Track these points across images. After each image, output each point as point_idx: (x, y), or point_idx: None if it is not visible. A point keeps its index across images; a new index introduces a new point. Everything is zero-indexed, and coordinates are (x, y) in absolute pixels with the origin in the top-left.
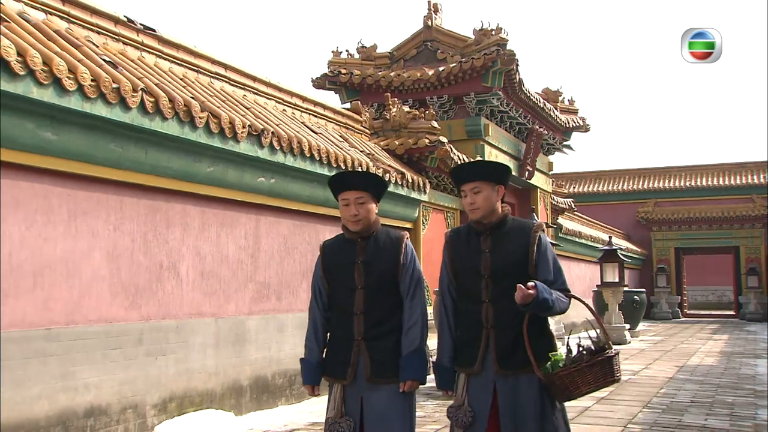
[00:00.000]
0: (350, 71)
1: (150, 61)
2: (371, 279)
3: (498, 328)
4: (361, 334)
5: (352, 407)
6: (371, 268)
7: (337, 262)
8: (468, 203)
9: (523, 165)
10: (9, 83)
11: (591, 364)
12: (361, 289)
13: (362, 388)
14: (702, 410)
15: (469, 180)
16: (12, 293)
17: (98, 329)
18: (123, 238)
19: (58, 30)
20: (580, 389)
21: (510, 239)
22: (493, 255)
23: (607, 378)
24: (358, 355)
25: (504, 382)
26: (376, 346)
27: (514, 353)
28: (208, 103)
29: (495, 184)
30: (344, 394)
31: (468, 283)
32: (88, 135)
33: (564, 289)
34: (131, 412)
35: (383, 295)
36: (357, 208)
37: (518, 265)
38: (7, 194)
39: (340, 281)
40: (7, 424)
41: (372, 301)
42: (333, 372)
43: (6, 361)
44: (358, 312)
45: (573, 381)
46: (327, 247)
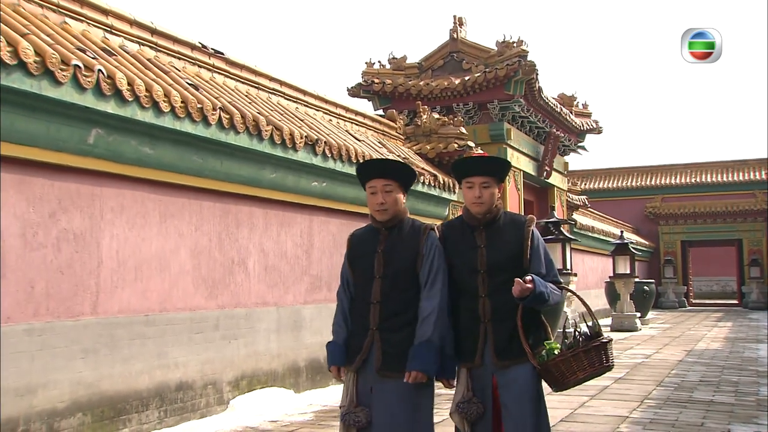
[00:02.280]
0: (382, 81)
1: (220, 81)
2: (390, 269)
3: (495, 321)
4: (376, 324)
5: (365, 396)
6: (391, 258)
7: (360, 251)
8: (474, 196)
9: (542, 166)
10: (120, 108)
11: (587, 350)
12: (379, 279)
13: (372, 378)
14: (710, 388)
15: (480, 174)
16: (119, 284)
17: (184, 316)
18: (202, 237)
19: (150, 59)
20: (576, 375)
21: (504, 234)
22: (488, 250)
23: (603, 364)
24: (371, 345)
25: (503, 374)
26: (390, 338)
27: (511, 345)
28: (271, 117)
29: (499, 182)
30: (357, 383)
31: (464, 278)
32: (177, 149)
33: (556, 281)
34: (211, 388)
35: (401, 285)
36: (384, 196)
37: (513, 259)
38: (115, 201)
39: (362, 270)
40: (118, 395)
41: (389, 291)
42: (348, 360)
43: (116, 341)
44: (375, 301)
45: (569, 366)
46: (354, 237)
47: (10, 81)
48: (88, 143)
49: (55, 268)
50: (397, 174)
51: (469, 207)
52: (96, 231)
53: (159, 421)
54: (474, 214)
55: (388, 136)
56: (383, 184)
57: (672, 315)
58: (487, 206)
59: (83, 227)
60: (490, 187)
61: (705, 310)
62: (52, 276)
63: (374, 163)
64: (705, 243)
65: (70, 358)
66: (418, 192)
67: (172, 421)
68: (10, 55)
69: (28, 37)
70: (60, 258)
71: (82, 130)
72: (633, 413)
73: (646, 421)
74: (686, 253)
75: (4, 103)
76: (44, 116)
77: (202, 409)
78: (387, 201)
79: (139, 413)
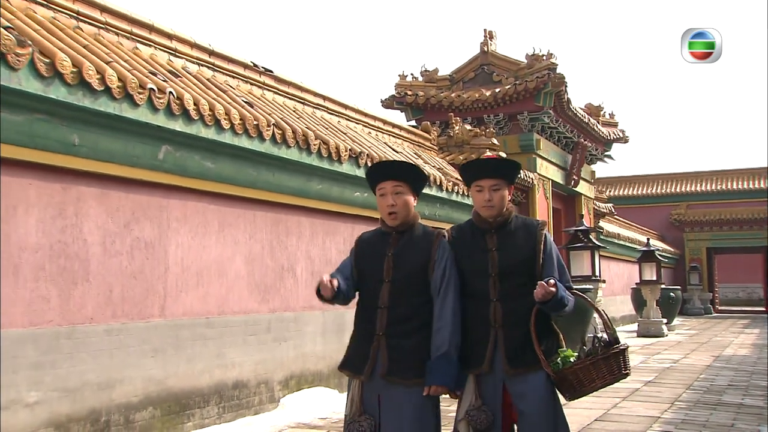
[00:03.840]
0: (415, 93)
1: (269, 97)
2: (400, 273)
3: (506, 327)
4: (383, 330)
5: (371, 405)
6: (401, 262)
7: (368, 253)
8: (484, 200)
9: (570, 175)
10: (186, 126)
11: (606, 357)
12: (387, 283)
13: (379, 385)
14: (738, 392)
15: (491, 176)
16: (183, 289)
17: (240, 319)
18: (256, 245)
19: (209, 78)
20: (594, 383)
21: (516, 238)
22: (500, 254)
23: (622, 371)
24: (377, 351)
25: (514, 382)
26: (397, 344)
27: (524, 352)
28: (318, 132)
29: (509, 184)
30: (362, 391)
31: (475, 282)
32: (235, 162)
33: (570, 287)
34: (263, 387)
35: (410, 290)
36: (394, 198)
37: (525, 263)
38: (179, 211)
39: (369, 273)
40: (183, 391)
41: (397, 296)
42: (353, 366)
43: (180, 342)
44: (383, 306)
45: (587, 374)
46: (363, 239)
47: (97, 105)
48: (158, 159)
49: (129, 274)
50: (407, 175)
51: (479, 210)
52: (163, 239)
53: (218, 417)
54: (484, 217)
55: (422, 147)
56: (393, 186)
57: (698, 321)
58: (498, 209)
59: (152, 236)
60: (500, 190)
61: (731, 316)
62: (126, 281)
63: (384, 164)
64: (731, 250)
65: (141, 356)
66: (452, 201)
67: (229, 416)
68: (98, 82)
69: (112, 65)
70: (133, 264)
71: (154, 147)
72: (664, 414)
73: (678, 421)
74: (712, 259)
75: (92, 125)
76: (123, 135)
77: (256, 406)
78: (397, 203)
79: (201, 409)
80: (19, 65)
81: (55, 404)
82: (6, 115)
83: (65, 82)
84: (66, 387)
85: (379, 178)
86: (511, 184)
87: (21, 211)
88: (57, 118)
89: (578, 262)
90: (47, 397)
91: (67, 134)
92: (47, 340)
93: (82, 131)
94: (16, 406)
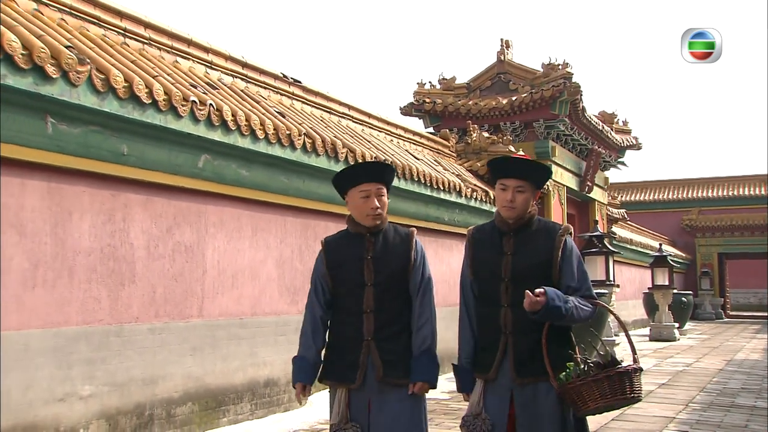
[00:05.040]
0: (433, 100)
1: (298, 107)
2: (381, 276)
3: (517, 334)
4: (371, 334)
5: (359, 412)
6: (381, 265)
7: (343, 258)
8: (506, 200)
9: (584, 181)
10: (225, 136)
11: (610, 375)
12: (371, 286)
13: (371, 391)
14: (751, 395)
15: (517, 177)
16: (220, 291)
17: (271, 320)
18: (286, 249)
19: (243, 89)
20: (587, 404)
21: (534, 241)
22: (515, 257)
23: (627, 395)
24: (367, 356)
25: (521, 391)
26: (387, 347)
27: (533, 361)
28: (345, 141)
29: (536, 188)
30: (349, 398)
31: (487, 285)
32: (268, 170)
33: (589, 296)
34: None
35: (393, 293)
36: (379, 200)
37: (541, 268)
38: (216, 216)
39: (347, 278)
40: (219, 388)
41: (382, 299)
42: (338, 376)
43: (217, 341)
44: (368, 310)
45: (580, 395)
46: (330, 243)
47: (145, 117)
48: (198, 167)
49: (171, 276)
50: (387, 177)
51: (500, 210)
52: (201, 244)
53: (251, 413)
54: (504, 218)
55: (441, 154)
56: (377, 188)
57: (709, 326)
58: (519, 212)
59: (192, 240)
60: (524, 192)
61: (742, 321)
62: (168, 283)
63: (369, 166)
64: (742, 255)
65: (181, 354)
66: (471, 207)
67: (261, 413)
68: (146, 95)
69: (158, 79)
70: (174, 267)
71: (194, 156)
72: (679, 415)
73: (693, 422)
74: (723, 265)
75: (140, 136)
76: (167, 145)
77: (285, 404)
78: (381, 205)
79: (235, 405)
80: (79, 81)
81: (106, 398)
82: (64, 127)
83: (118, 96)
84: (115, 382)
85: (360, 179)
86: (538, 189)
87: (76, 216)
88: (109, 129)
89: (593, 267)
90: (99, 391)
91: (117, 144)
92: (98, 338)
93: (130, 142)
94: (72, 398)
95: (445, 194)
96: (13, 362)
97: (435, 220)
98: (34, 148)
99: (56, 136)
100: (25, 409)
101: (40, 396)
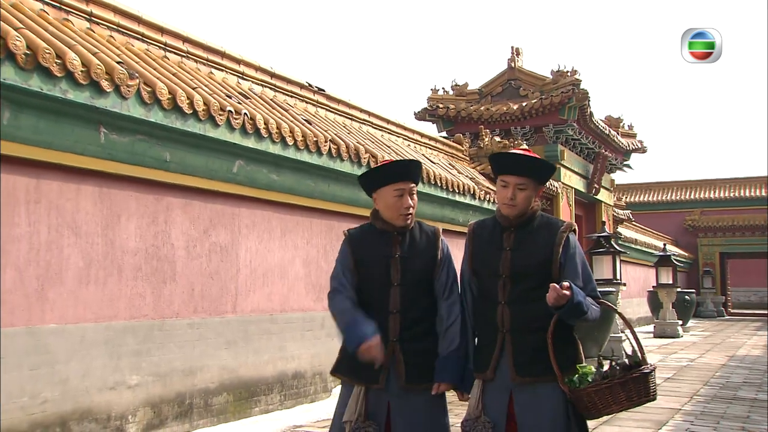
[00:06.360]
0: (446, 106)
1: (322, 114)
2: (408, 276)
3: (515, 332)
4: (397, 335)
5: (377, 412)
6: (409, 264)
7: (369, 255)
8: (507, 197)
9: (591, 183)
10: (257, 143)
11: (623, 382)
12: (397, 286)
13: (392, 393)
14: (753, 388)
15: (517, 173)
16: (252, 288)
17: (298, 316)
18: (312, 249)
19: (271, 98)
20: (610, 407)
21: (535, 238)
22: (514, 254)
23: (641, 397)
24: (391, 358)
25: (521, 391)
26: (413, 349)
27: (534, 360)
28: (367, 146)
29: (539, 185)
30: (367, 396)
31: (485, 282)
32: (296, 175)
33: (594, 296)
34: (318, 378)
35: (420, 293)
36: (412, 199)
37: (540, 266)
38: (249, 219)
39: (373, 277)
40: (251, 380)
41: (409, 300)
42: (360, 375)
43: (249, 336)
44: (394, 311)
45: (603, 398)
46: (355, 236)
47: (186, 126)
48: (232, 172)
49: (207, 275)
50: (420, 175)
51: (500, 207)
52: (235, 244)
53: (280, 404)
54: (505, 215)
55: (456, 158)
56: (411, 187)
57: (711, 324)
58: (520, 210)
59: (226, 241)
60: (525, 190)
61: (743, 319)
62: (205, 281)
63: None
64: (743, 255)
65: (217, 348)
66: (484, 208)
67: (289, 404)
68: (188, 106)
69: (197, 90)
70: (210, 266)
71: (229, 162)
72: (685, 406)
73: (698, 413)
74: (725, 264)
75: (181, 144)
76: (205, 152)
77: (312, 395)
78: (414, 204)
79: (266, 396)
80: (129, 94)
81: (151, 387)
82: (115, 137)
83: (162, 107)
84: (158, 372)
85: (396, 178)
86: (540, 185)
87: (123, 219)
88: (154, 138)
89: (600, 267)
90: (144, 380)
91: (160, 152)
92: (144, 332)
93: (172, 149)
94: (121, 387)
95: (460, 197)
96: (72, 353)
97: (450, 221)
98: (89, 156)
99: (108, 145)
100: (83, 395)
101: (94, 384)
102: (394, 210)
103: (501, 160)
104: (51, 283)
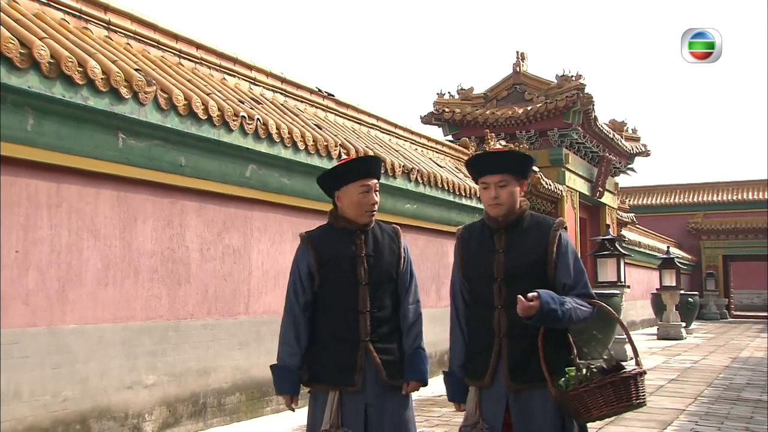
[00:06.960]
0: (452, 110)
1: (332, 119)
2: (375, 275)
3: (511, 337)
4: (368, 335)
5: (353, 417)
6: (375, 263)
7: (335, 255)
8: (490, 198)
9: (595, 186)
10: (269, 147)
11: (601, 386)
12: (365, 285)
13: (368, 394)
14: (756, 389)
15: (495, 171)
16: (264, 290)
17: None
18: None
19: (282, 103)
20: (601, 409)
21: (527, 238)
22: (507, 256)
23: (633, 400)
24: (364, 358)
25: (516, 397)
26: (383, 347)
27: (528, 366)
28: (376, 150)
29: (520, 178)
30: (343, 403)
31: (479, 286)
32: (306, 179)
33: (585, 294)
34: None
35: (385, 291)
36: (377, 195)
37: (535, 266)
38: (261, 222)
39: (340, 276)
40: (263, 380)
41: (377, 299)
42: (333, 378)
43: (261, 336)
44: (364, 310)
45: (582, 402)
46: (316, 238)
47: (201, 131)
48: (245, 176)
49: (221, 276)
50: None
51: (487, 209)
52: (248, 247)
53: None
54: (493, 216)
55: (462, 162)
56: (375, 183)
57: (714, 326)
58: (506, 207)
59: (239, 244)
60: (507, 186)
61: (746, 321)
62: (219, 282)
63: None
64: (746, 257)
65: (230, 348)
66: None
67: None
68: (203, 112)
69: (212, 96)
70: (224, 268)
71: (242, 166)
72: (689, 407)
73: (702, 413)
74: (727, 266)
75: (196, 148)
76: (219, 156)
77: None
78: (378, 201)
79: (276, 396)
80: (147, 101)
81: (166, 386)
82: (133, 142)
83: (178, 113)
84: (173, 372)
85: (361, 175)
86: (522, 179)
87: (140, 222)
88: (169, 143)
89: (604, 269)
90: (160, 380)
91: (176, 157)
92: (159, 332)
93: (187, 154)
94: (138, 386)
95: (467, 200)
96: (91, 352)
97: (456, 224)
98: (107, 161)
99: (125, 150)
100: (101, 394)
101: (112, 383)
102: (359, 207)
103: (476, 164)
104: (71, 285)
